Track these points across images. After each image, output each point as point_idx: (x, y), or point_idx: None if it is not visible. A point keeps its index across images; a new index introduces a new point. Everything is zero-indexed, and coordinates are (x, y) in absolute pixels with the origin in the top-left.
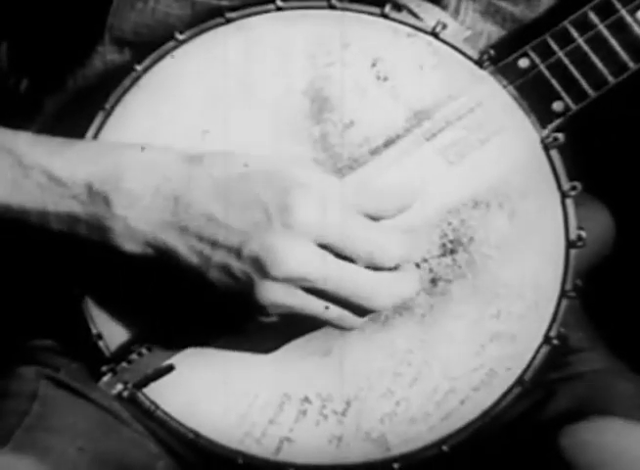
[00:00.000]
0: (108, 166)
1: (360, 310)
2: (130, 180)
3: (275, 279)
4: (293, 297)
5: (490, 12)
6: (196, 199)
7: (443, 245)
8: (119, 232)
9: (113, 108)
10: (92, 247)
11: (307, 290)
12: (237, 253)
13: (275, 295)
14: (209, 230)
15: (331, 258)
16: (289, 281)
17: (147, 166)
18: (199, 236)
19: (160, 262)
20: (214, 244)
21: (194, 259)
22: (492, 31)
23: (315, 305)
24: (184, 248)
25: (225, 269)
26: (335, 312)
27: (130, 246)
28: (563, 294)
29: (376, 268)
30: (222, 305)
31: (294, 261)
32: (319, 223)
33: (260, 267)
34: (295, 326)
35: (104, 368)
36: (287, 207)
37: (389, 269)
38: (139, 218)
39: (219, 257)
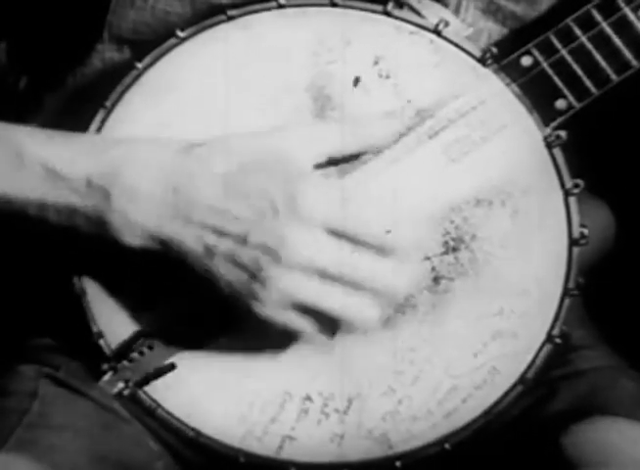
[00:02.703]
0: (107, 161)
1: (380, 298)
2: (129, 175)
3: (288, 266)
4: (306, 286)
5: (491, 10)
6: (196, 189)
7: (446, 243)
8: (118, 226)
9: (113, 106)
10: (92, 241)
11: (322, 278)
12: (243, 241)
13: (284, 280)
14: (213, 220)
15: (343, 244)
16: (301, 268)
17: (145, 160)
18: (203, 226)
19: (163, 255)
20: (220, 233)
21: (199, 249)
22: (493, 30)
23: (330, 296)
24: (189, 238)
25: (231, 258)
26: (353, 303)
27: (129, 239)
28: (565, 292)
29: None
30: (225, 301)
31: (306, 248)
32: (327, 211)
33: (272, 255)
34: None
35: (105, 367)
36: (293, 195)
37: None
38: (139, 212)
39: (225, 245)
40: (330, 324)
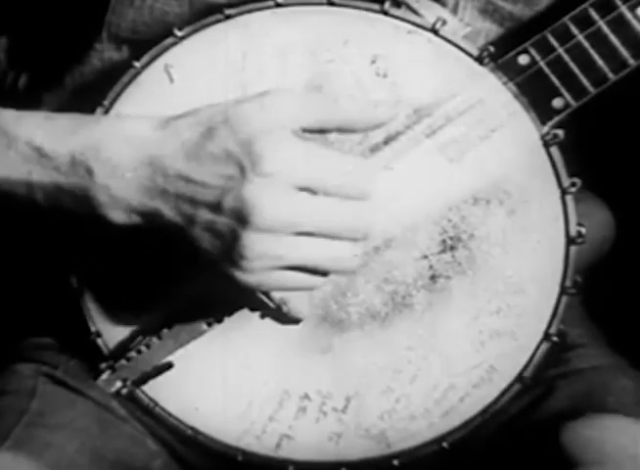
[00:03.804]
0: (88, 137)
1: (357, 239)
2: (109, 149)
3: (258, 229)
4: (280, 245)
5: (489, 10)
6: (169, 161)
7: (443, 241)
8: (103, 201)
9: (111, 104)
10: (80, 220)
11: (298, 234)
12: (217, 208)
13: (261, 245)
14: (187, 189)
15: (314, 198)
16: (274, 229)
17: (123, 135)
18: (179, 196)
19: (148, 229)
20: (195, 202)
21: (178, 220)
22: (491, 29)
23: (307, 250)
24: (167, 210)
25: (209, 227)
26: (333, 252)
27: (115, 215)
28: (563, 290)
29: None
30: (215, 272)
31: (273, 208)
32: (293, 166)
33: (242, 219)
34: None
35: (102, 366)
36: (258, 156)
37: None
38: (120, 186)
39: (202, 214)
40: (315, 275)
